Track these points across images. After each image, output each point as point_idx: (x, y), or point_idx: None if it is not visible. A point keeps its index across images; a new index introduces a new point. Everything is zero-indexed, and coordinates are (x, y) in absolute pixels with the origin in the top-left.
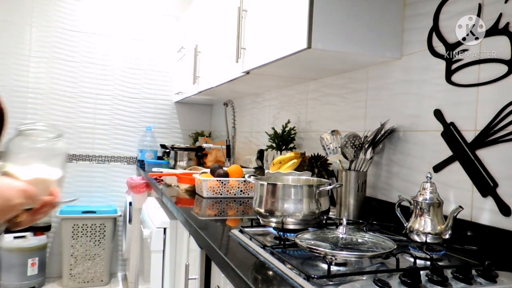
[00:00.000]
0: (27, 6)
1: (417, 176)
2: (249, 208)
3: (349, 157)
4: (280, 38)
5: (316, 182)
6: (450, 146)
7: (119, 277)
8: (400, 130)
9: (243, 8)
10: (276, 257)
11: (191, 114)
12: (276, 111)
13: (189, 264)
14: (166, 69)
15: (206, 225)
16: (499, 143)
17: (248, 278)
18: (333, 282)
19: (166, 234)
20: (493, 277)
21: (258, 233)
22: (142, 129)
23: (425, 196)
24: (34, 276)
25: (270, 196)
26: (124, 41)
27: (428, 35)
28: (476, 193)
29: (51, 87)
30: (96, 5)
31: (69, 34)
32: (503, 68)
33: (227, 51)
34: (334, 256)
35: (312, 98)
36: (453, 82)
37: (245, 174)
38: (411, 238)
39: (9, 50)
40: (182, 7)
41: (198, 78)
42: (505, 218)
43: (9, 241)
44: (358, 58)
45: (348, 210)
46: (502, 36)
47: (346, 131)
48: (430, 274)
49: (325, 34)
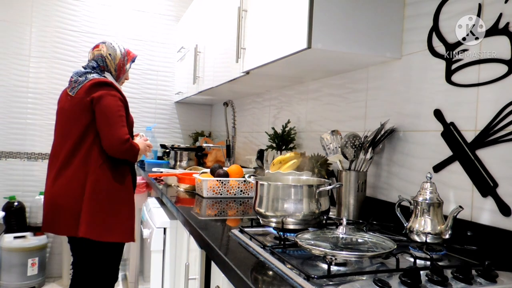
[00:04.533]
0: (27, 6)
1: (417, 176)
2: (249, 208)
3: (349, 157)
4: (280, 38)
5: (316, 182)
6: (450, 146)
7: (119, 277)
8: (400, 130)
9: (243, 8)
10: (276, 257)
11: (191, 114)
12: (276, 111)
13: (189, 264)
14: (166, 69)
15: (206, 225)
16: (499, 143)
17: (248, 278)
18: (333, 282)
19: (166, 234)
20: (493, 277)
21: (258, 233)
22: (142, 129)
23: (425, 196)
24: (34, 276)
25: (270, 196)
26: (124, 41)
27: (428, 35)
28: (476, 193)
29: (51, 87)
30: (96, 5)
31: (69, 34)
32: (503, 68)
33: (227, 51)
34: (334, 256)
35: (312, 98)
36: (453, 82)
37: (245, 174)
38: (411, 238)
39: (9, 50)
40: (182, 7)
41: (198, 78)
42: (505, 218)
43: (9, 241)
44: (358, 58)
45: (348, 210)
46: (502, 36)
47: (346, 131)
48: (430, 274)
49: (325, 34)
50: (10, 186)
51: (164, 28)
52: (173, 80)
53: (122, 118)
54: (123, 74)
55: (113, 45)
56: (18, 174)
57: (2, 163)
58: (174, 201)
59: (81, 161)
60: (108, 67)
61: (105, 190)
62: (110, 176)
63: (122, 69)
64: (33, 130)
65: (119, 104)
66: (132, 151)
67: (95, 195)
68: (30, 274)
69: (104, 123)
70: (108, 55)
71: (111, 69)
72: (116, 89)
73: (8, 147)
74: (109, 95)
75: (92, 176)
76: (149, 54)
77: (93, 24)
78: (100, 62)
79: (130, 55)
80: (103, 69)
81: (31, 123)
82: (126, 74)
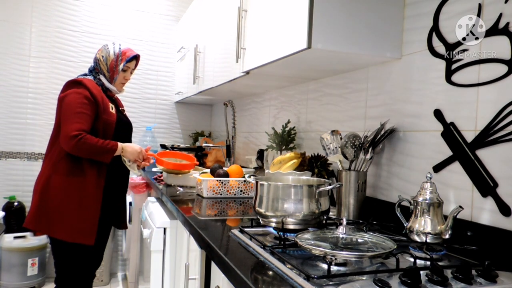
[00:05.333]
0: (27, 6)
1: (417, 176)
2: (249, 208)
3: (349, 157)
4: (280, 38)
5: (316, 182)
6: (450, 146)
7: (119, 277)
8: (400, 130)
9: (243, 8)
10: (276, 257)
11: (191, 114)
12: (276, 111)
13: (189, 264)
14: (166, 69)
15: (206, 225)
16: (499, 143)
17: (248, 278)
18: (333, 282)
19: (166, 234)
20: (493, 277)
21: (258, 233)
22: (142, 129)
23: (425, 196)
24: (34, 276)
25: (270, 196)
26: (124, 41)
27: (428, 35)
28: (476, 193)
29: (51, 87)
30: (96, 5)
31: (69, 34)
32: (503, 68)
33: (227, 51)
34: (334, 256)
35: (312, 98)
36: (453, 82)
37: (245, 174)
38: (411, 238)
39: (9, 50)
40: (182, 7)
41: (198, 78)
42: (505, 218)
43: (9, 241)
44: (358, 58)
45: (348, 210)
46: (502, 36)
47: (346, 131)
48: (430, 274)
49: (325, 34)
50: (10, 186)
51: (164, 28)
52: (173, 80)
53: (79, 115)
54: (116, 75)
55: (108, 47)
56: (18, 174)
57: (2, 163)
58: (174, 201)
59: (49, 158)
60: (101, 69)
61: (56, 187)
62: (65, 173)
63: (115, 69)
64: (33, 130)
65: (80, 101)
66: (82, 148)
67: (45, 190)
68: (30, 274)
69: (62, 120)
70: (101, 57)
71: (104, 71)
72: (86, 87)
73: (8, 147)
74: (74, 93)
75: (49, 171)
76: (149, 54)
77: (93, 24)
78: (95, 65)
79: (125, 55)
80: (97, 71)
81: (31, 123)
82: (126, 74)
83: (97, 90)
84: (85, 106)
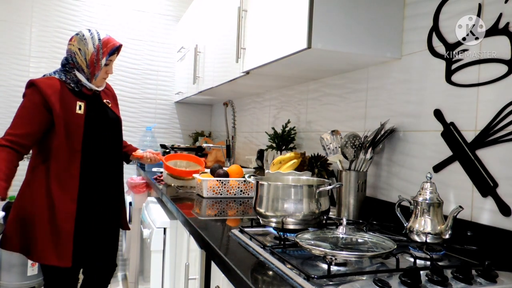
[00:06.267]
0: (27, 6)
1: (417, 176)
2: (249, 208)
3: (349, 157)
4: (280, 38)
5: (316, 182)
6: (450, 146)
7: (119, 277)
8: (400, 130)
9: (243, 8)
10: (276, 257)
11: (191, 114)
12: (276, 111)
13: (189, 264)
14: (166, 69)
15: (206, 225)
16: (499, 143)
17: (248, 278)
18: (333, 282)
19: (166, 234)
20: (493, 277)
21: (258, 233)
22: (142, 129)
23: (425, 196)
24: (34, 276)
25: (270, 196)
26: (124, 41)
27: (428, 35)
28: (476, 193)
29: None
30: (96, 5)
31: (69, 34)
32: (503, 68)
33: (227, 51)
34: (334, 256)
35: (312, 98)
36: (453, 82)
37: (245, 174)
38: (411, 238)
39: (9, 50)
40: (182, 7)
41: (198, 78)
42: (505, 218)
43: None
44: (358, 58)
45: (348, 210)
46: (502, 36)
47: (346, 131)
48: (430, 274)
49: (325, 34)
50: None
51: (164, 28)
52: (173, 80)
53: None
54: (98, 71)
55: (85, 38)
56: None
57: None
58: (174, 201)
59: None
60: (79, 64)
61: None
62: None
63: (97, 65)
64: None
65: (23, 105)
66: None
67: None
68: (30, 274)
69: None
70: (78, 51)
71: (82, 67)
72: (37, 88)
73: None
74: (25, 95)
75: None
76: (149, 54)
77: (93, 24)
78: (70, 59)
79: (107, 46)
80: (72, 66)
81: None
82: (108, 68)
83: (52, 90)
84: (26, 110)
